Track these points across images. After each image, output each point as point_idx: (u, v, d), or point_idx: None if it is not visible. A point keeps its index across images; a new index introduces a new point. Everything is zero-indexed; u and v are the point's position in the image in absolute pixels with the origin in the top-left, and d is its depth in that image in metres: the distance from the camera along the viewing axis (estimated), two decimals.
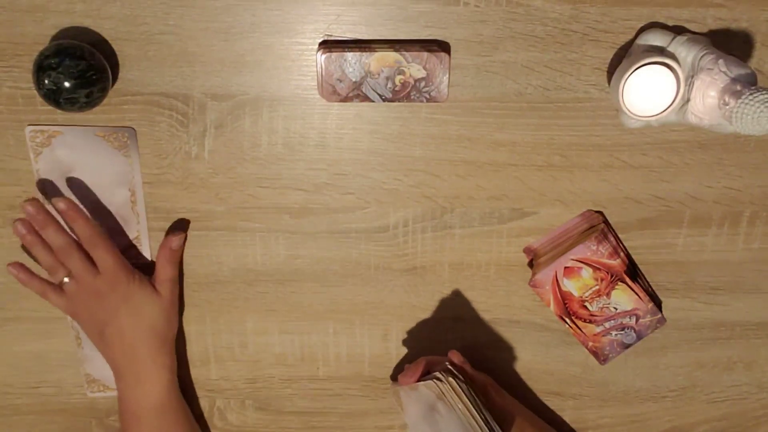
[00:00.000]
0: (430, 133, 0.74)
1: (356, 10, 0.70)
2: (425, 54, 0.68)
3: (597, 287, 0.77)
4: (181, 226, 0.77)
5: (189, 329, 0.81)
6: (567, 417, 0.86)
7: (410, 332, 0.82)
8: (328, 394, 0.85)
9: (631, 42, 0.71)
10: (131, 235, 0.77)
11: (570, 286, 0.77)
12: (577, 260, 0.76)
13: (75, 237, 0.72)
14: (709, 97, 0.63)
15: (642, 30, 0.70)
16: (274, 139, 0.74)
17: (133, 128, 0.72)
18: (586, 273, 0.76)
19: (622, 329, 0.80)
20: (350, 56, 0.68)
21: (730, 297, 0.82)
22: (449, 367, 0.72)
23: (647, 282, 0.81)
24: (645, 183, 0.76)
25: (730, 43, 0.71)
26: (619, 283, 0.77)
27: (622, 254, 0.77)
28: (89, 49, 0.67)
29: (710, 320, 0.83)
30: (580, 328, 0.80)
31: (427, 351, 0.82)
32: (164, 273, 0.76)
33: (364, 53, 0.68)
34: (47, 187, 0.74)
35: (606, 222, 0.78)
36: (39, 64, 0.65)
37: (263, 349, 0.83)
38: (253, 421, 0.86)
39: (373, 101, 0.70)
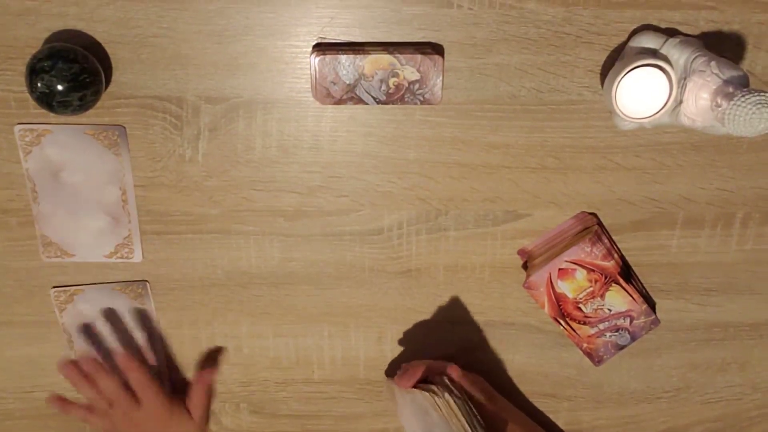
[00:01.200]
0: (424, 136, 0.74)
1: (350, 13, 0.70)
2: (419, 56, 0.68)
3: (591, 289, 0.77)
4: (213, 357, 0.81)
5: (183, 332, 0.81)
6: (562, 419, 0.86)
7: (405, 335, 0.82)
8: (322, 397, 0.85)
9: (624, 44, 0.71)
10: (122, 234, 0.76)
11: (564, 287, 0.77)
12: (571, 262, 0.76)
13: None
14: (701, 99, 0.64)
15: (635, 32, 0.70)
16: (268, 142, 0.74)
17: (123, 126, 0.72)
18: (580, 275, 0.76)
19: (617, 331, 0.80)
20: (344, 59, 0.68)
21: (724, 298, 0.82)
22: (447, 382, 0.72)
23: (641, 283, 0.81)
24: (638, 185, 0.77)
25: (722, 45, 0.71)
26: (613, 284, 0.77)
27: (615, 256, 0.77)
28: (82, 52, 0.66)
29: (704, 321, 0.83)
30: (574, 330, 0.80)
31: (421, 353, 0.82)
32: (198, 400, 0.80)
33: (357, 56, 0.68)
34: (38, 187, 0.74)
35: (600, 224, 0.78)
36: (32, 68, 0.65)
37: (258, 352, 0.83)
38: (248, 424, 0.86)
39: (367, 104, 0.70)
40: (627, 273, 0.78)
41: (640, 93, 0.65)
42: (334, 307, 0.81)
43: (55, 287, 0.78)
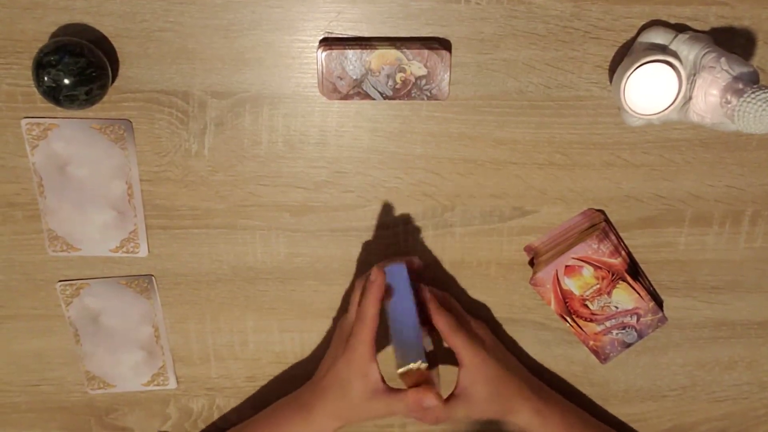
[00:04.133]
0: (430, 131, 0.74)
1: (357, 8, 0.69)
2: (426, 52, 0.68)
3: (598, 286, 0.77)
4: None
5: (189, 327, 0.81)
6: None
7: None
8: None
9: (633, 40, 0.71)
10: (128, 229, 0.77)
11: (571, 284, 0.77)
12: (578, 259, 0.76)
13: None
14: (710, 96, 0.63)
15: (644, 28, 0.70)
16: (274, 137, 0.74)
17: (129, 120, 0.72)
18: (587, 272, 0.76)
19: (623, 328, 0.80)
20: (351, 54, 0.68)
21: (732, 296, 0.82)
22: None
23: (648, 281, 0.80)
24: (646, 181, 0.76)
25: (732, 42, 0.71)
26: (620, 281, 0.77)
27: (623, 253, 0.77)
28: (89, 46, 0.66)
29: (711, 319, 0.83)
30: (580, 327, 0.80)
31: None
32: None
33: (364, 51, 0.68)
34: (44, 181, 0.74)
35: (607, 220, 0.78)
36: (38, 62, 0.65)
37: (263, 348, 0.83)
38: None
39: (373, 99, 0.70)
40: (634, 270, 0.78)
41: (649, 89, 0.65)
42: (339, 303, 0.81)
43: (61, 281, 0.79)
